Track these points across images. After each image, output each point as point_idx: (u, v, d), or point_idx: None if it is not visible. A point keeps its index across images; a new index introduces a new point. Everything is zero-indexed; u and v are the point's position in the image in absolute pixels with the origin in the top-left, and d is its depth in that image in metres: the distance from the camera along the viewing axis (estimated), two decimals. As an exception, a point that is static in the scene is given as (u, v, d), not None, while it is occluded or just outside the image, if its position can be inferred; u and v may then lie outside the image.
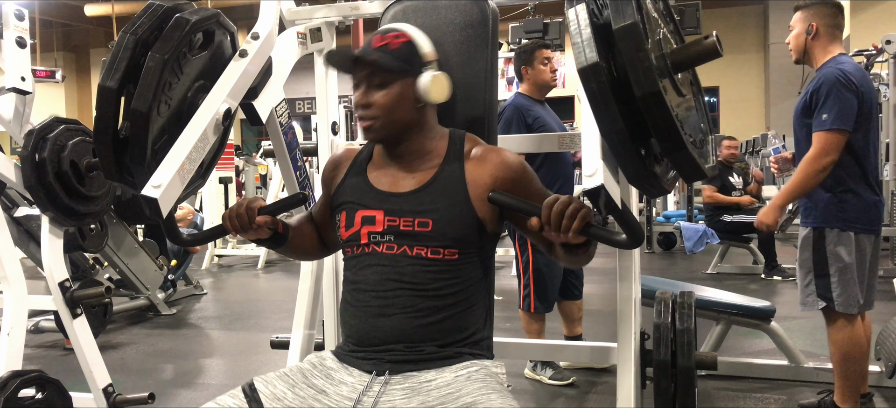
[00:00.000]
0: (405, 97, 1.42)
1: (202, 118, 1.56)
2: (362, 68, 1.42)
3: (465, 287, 1.42)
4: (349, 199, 1.48)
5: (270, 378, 1.39)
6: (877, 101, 2.65)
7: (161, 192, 1.41)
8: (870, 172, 2.52)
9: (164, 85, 1.53)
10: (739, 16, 17.08)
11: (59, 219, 2.49)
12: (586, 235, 1.20)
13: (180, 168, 1.46)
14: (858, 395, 2.59)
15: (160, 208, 1.41)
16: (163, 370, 3.85)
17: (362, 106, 1.42)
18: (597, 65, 1.13)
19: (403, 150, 1.46)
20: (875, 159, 2.59)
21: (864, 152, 2.50)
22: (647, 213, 8.42)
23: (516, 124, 3.16)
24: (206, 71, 1.68)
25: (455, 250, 1.39)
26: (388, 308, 1.39)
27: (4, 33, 2.41)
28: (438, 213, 1.39)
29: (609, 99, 1.13)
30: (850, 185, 2.48)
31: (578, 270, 3.41)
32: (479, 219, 1.41)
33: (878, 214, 2.55)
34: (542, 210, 1.21)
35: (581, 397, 3.15)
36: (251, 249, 8.10)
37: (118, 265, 4.80)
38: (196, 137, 1.52)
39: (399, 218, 1.40)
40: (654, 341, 1.90)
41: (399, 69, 1.41)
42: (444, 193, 1.41)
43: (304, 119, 15.28)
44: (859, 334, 2.54)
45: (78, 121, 2.58)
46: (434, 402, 1.30)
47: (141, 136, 1.50)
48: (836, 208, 2.48)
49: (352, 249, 1.46)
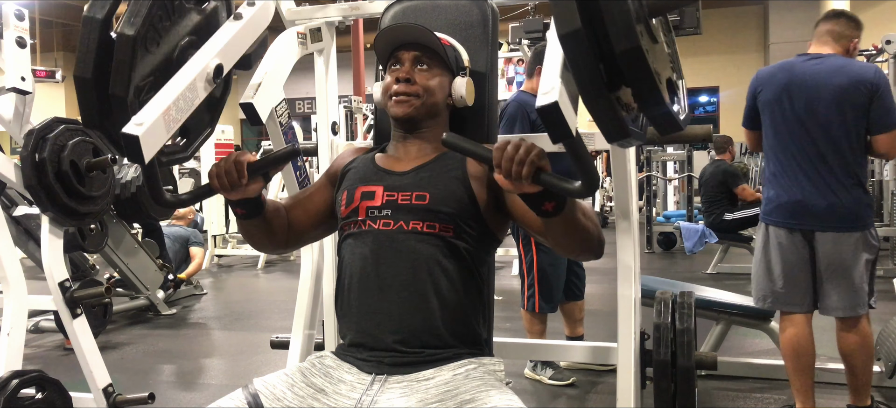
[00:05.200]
0: (443, 89, 1.52)
1: (192, 69, 1.47)
2: (413, 49, 1.50)
3: (461, 272, 1.41)
4: (352, 178, 1.53)
5: (269, 379, 1.39)
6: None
7: (143, 130, 1.29)
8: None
9: (154, 17, 1.42)
10: (739, 16, 17.09)
11: (59, 219, 2.48)
12: (538, 182, 1.11)
13: (165, 112, 1.35)
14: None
15: (141, 149, 1.29)
16: (163, 370, 3.85)
17: (405, 81, 1.48)
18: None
19: (418, 137, 1.51)
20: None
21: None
22: (647, 213, 8.43)
23: (520, 122, 3.16)
24: (198, 29, 1.60)
25: (450, 227, 1.41)
26: (385, 294, 1.39)
27: (4, 33, 2.40)
28: (436, 188, 1.43)
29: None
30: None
31: (581, 271, 3.40)
32: (476, 200, 1.43)
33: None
34: (494, 153, 1.13)
35: (581, 397, 3.15)
36: (251, 249, 8.10)
37: (118, 265, 4.80)
38: (184, 85, 1.42)
39: (398, 192, 1.44)
40: (654, 341, 1.90)
41: (448, 62, 1.53)
42: (443, 171, 1.46)
43: (304, 119, 15.28)
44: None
45: (78, 121, 2.57)
46: (433, 400, 1.30)
47: (125, 64, 1.36)
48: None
49: (350, 226, 1.47)
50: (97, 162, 2.49)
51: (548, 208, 1.16)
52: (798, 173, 2.56)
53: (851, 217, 2.50)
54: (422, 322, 1.38)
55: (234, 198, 1.38)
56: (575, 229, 1.25)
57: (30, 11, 2.52)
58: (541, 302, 3.22)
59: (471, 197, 1.43)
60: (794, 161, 2.57)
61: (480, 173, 1.44)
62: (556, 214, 1.17)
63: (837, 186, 2.50)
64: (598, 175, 1.12)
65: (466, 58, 1.59)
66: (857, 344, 2.56)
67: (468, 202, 1.43)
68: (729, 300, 3.38)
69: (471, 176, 1.45)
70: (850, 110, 2.48)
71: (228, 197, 1.37)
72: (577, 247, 1.29)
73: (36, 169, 2.36)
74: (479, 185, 1.44)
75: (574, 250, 1.32)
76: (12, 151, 7.83)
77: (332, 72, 2.21)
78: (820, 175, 2.52)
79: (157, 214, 4.62)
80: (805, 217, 2.55)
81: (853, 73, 2.51)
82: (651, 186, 8.69)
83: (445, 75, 1.53)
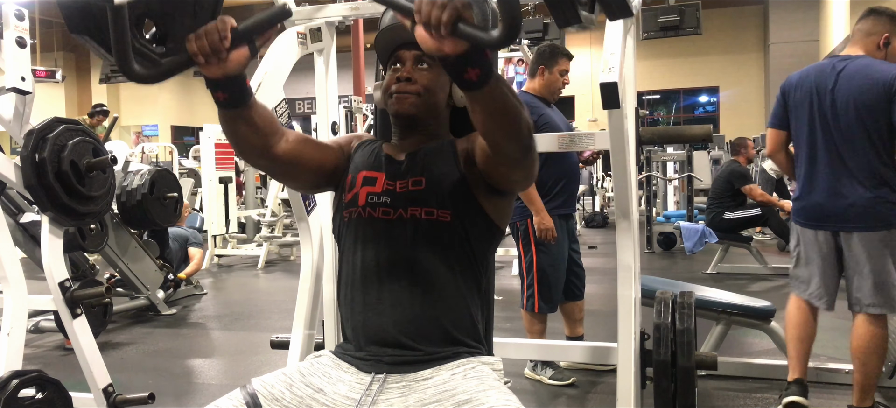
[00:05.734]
0: (444, 87, 1.51)
1: None
2: (414, 48, 1.48)
3: (461, 264, 1.41)
4: (357, 162, 1.53)
5: (268, 379, 1.39)
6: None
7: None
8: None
9: None
10: (739, 16, 17.10)
11: (59, 219, 2.48)
12: (457, 34, 1.02)
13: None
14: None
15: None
16: (163, 370, 3.85)
17: (406, 79, 1.47)
18: None
19: (417, 133, 1.52)
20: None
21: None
22: (647, 213, 8.43)
23: (521, 121, 3.15)
24: None
25: (447, 211, 1.41)
26: (385, 285, 1.40)
27: (4, 33, 2.40)
28: (430, 172, 1.44)
29: None
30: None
31: (581, 271, 3.40)
32: (469, 185, 1.44)
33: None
34: (415, 1, 1.05)
35: (581, 397, 3.15)
36: (251, 250, 8.10)
37: (118, 265, 4.81)
38: None
39: (396, 180, 1.46)
40: (654, 341, 1.90)
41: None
42: (437, 156, 1.47)
43: (304, 119, 15.30)
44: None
45: (78, 121, 2.58)
46: (431, 400, 1.31)
47: None
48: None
49: (350, 213, 1.47)
50: (97, 162, 2.49)
51: (471, 77, 1.10)
52: (819, 176, 2.62)
53: (872, 216, 2.52)
54: (422, 315, 1.38)
55: (214, 74, 1.21)
56: (504, 107, 1.20)
57: (30, 11, 2.51)
58: (540, 302, 3.22)
59: (463, 178, 1.44)
60: (817, 163, 2.63)
61: (468, 152, 1.45)
62: (480, 86, 1.12)
63: (857, 186, 2.53)
64: (519, 23, 1.04)
65: None
66: (875, 344, 2.57)
67: (461, 184, 1.44)
68: (729, 300, 3.38)
69: (461, 158, 1.46)
70: (867, 112, 2.51)
71: (208, 73, 1.21)
72: (506, 128, 1.25)
73: (36, 169, 2.36)
74: (469, 166, 1.44)
75: (503, 133, 1.26)
76: (12, 151, 7.83)
77: (332, 72, 2.22)
78: (839, 177, 2.56)
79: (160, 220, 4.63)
80: (826, 219, 2.62)
81: (873, 74, 2.52)
82: (651, 186, 8.68)
83: (446, 75, 1.52)
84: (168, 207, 4.75)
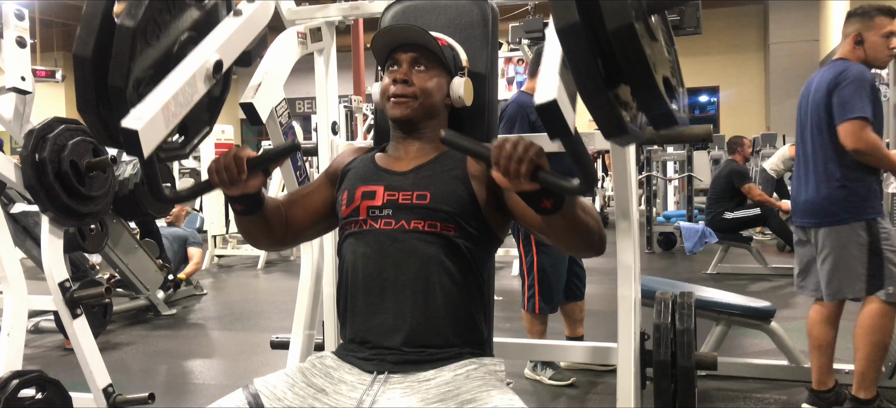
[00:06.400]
0: (441, 89, 1.52)
1: (191, 64, 1.44)
2: (410, 50, 1.49)
3: (462, 272, 1.41)
4: (352, 178, 1.53)
5: (270, 379, 1.40)
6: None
7: (143, 124, 1.25)
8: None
9: (155, 10, 1.40)
10: (739, 16, 17.09)
11: (59, 219, 2.48)
12: (536, 180, 1.10)
13: (165, 107, 1.32)
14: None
15: (141, 143, 1.25)
16: (163, 370, 3.85)
17: (403, 82, 1.48)
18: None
19: (417, 137, 1.52)
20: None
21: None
22: (648, 213, 8.43)
23: (520, 122, 3.16)
24: (198, 25, 1.58)
25: (451, 226, 1.41)
26: (388, 293, 1.40)
27: (4, 33, 2.40)
28: (436, 187, 1.43)
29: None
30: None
31: (581, 272, 3.40)
32: (476, 199, 1.43)
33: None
34: (492, 151, 1.12)
35: (581, 398, 3.15)
36: (251, 250, 8.10)
37: (118, 265, 4.80)
38: (183, 80, 1.39)
39: (398, 192, 1.44)
40: (654, 341, 1.90)
41: (446, 62, 1.52)
42: (443, 170, 1.46)
43: (304, 119, 15.28)
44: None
45: (78, 121, 2.57)
46: (433, 400, 1.31)
47: (125, 55, 1.32)
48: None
49: (350, 225, 1.47)
50: (97, 162, 2.49)
51: (546, 206, 1.16)
52: (797, 174, 2.83)
53: (831, 213, 2.66)
54: (425, 320, 1.38)
55: (233, 194, 1.36)
56: (575, 226, 1.24)
57: (30, 11, 2.52)
58: (541, 303, 3.22)
59: (471, 196, 1.43)
60: (798, 163, 2.82)
61: (480, 172, 1.44)
62: (555, 212, 1.17)
63: (819, 184, 2.69)
64: (596, 173, 1.11)
65: (465, 58, 1.59)
66: (863, 328, 2.66)
67: (468, 201, 1.43)
68: (729, 300, 3.38)
69: (471, 175, 1.45)
70: (824, 111, 2.65)
71: (228, 193, 1.36)
72: (577, 244, 1.29)
73: (36, 169, 2.36)
74: (478, 184, 1.44)
75: (575, 247, 1.31)
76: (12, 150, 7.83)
77: (332, 72, 2.21)
78: (807, 175, 2.75)
79: (155, 211, 4.61)
80: (800, 215, 2.80)
81: (827, 75, 2.66)
82: (651, 186, 8.68)
83: (443, 76, 1.53)
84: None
